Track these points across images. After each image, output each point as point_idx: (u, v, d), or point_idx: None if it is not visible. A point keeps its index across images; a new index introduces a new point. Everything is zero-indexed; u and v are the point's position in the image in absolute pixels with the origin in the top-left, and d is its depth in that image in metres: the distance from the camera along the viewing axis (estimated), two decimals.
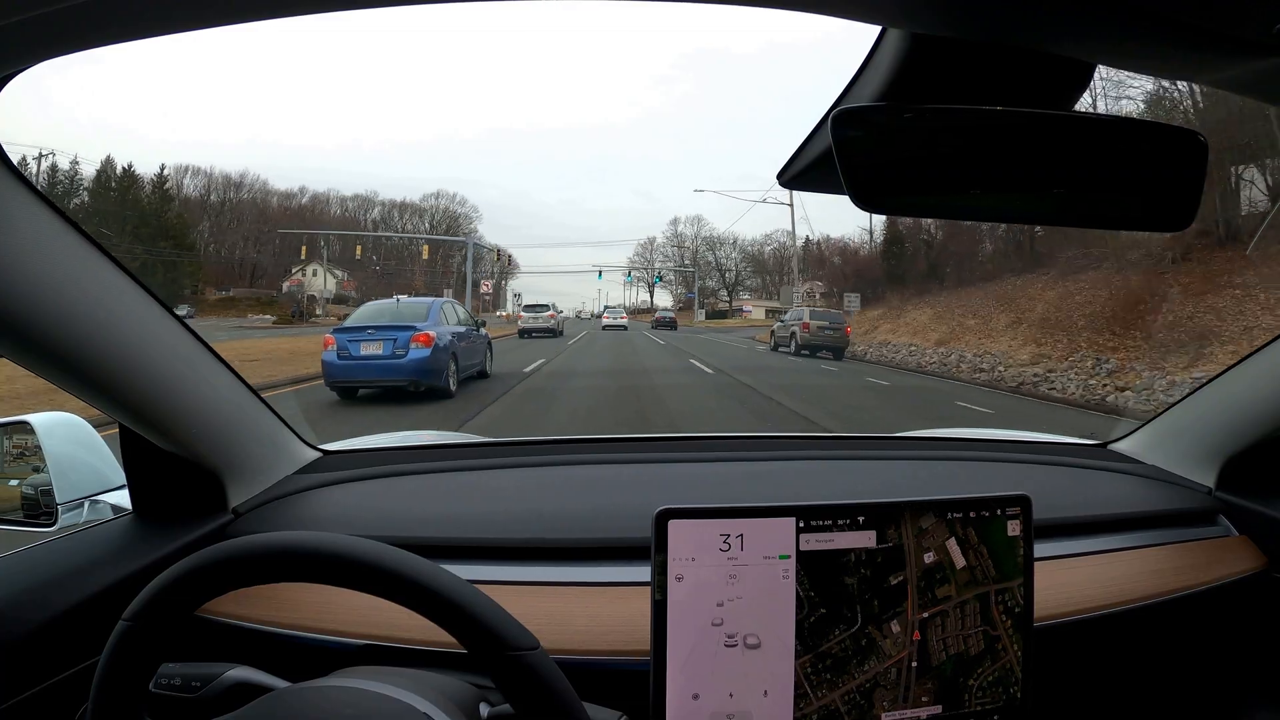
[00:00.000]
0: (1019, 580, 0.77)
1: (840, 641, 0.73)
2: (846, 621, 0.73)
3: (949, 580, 0.75)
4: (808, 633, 0.72)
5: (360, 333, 8.38)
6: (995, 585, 0.76)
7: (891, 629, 0.74)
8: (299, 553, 0.59)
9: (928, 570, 0.75)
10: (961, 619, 0.75)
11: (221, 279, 44.77)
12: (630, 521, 0.88)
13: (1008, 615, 0.77)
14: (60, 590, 0.80)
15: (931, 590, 0.75)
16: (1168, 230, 0.61)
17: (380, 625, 0.80)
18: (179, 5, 0.50)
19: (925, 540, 0.75)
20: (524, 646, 0.57)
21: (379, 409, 7.94)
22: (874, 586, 0.74)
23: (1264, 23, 0.43)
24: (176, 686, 0.69)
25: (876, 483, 1.20)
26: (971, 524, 0.76)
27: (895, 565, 0.74)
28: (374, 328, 8.40)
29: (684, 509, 0.71)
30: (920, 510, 0.75)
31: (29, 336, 0.68)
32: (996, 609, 0.76)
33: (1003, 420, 8.58)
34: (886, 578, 0.74)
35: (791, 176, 0.72)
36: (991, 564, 0.76)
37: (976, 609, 0.76)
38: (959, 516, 0.76)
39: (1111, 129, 0.59)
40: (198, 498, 0.97)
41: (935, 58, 0.55)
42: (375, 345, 8.24)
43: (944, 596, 0.75)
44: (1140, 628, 0.96)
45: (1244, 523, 1.10)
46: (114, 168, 39.59)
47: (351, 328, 8.62)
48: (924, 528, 0.75)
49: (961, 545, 0.75)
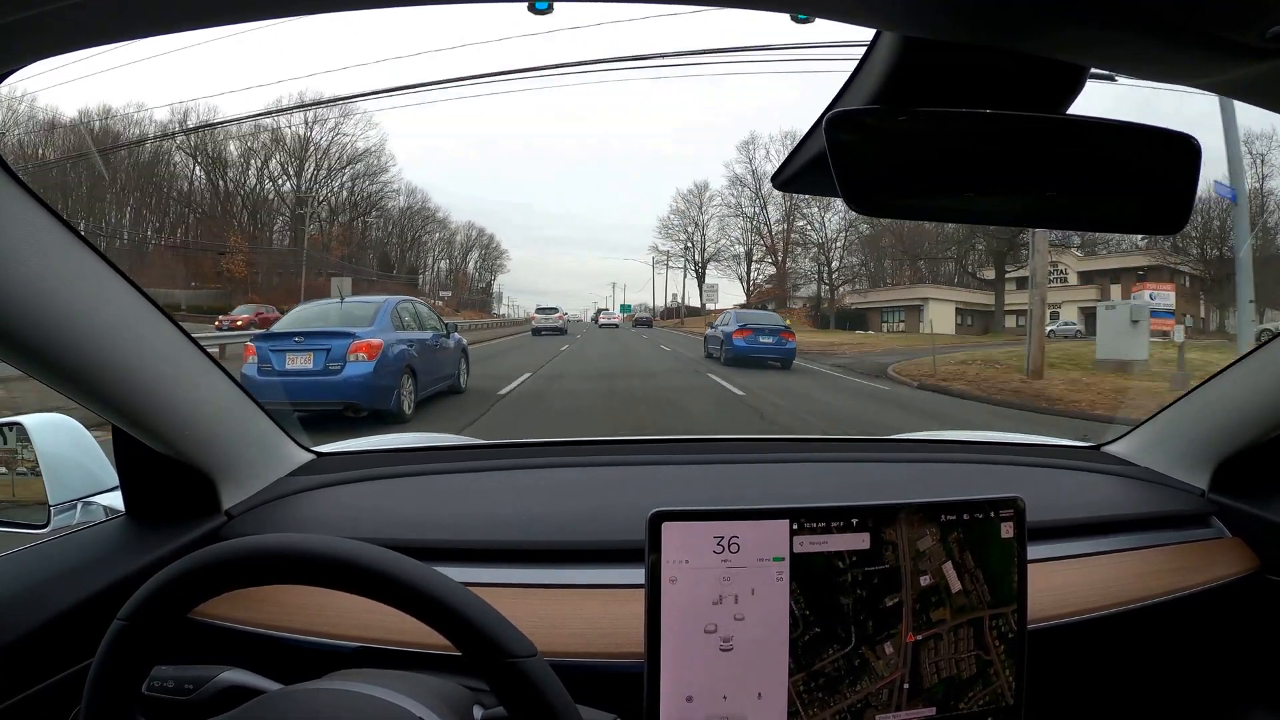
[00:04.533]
0: (1012, 606, 0.77)
1: (833, 660, 0.73)
2: (840, 641, 0.73)
3: (944, 604, 0.76)
4: (801, 651, 0.72)
5: (285, 340, 6.59)
6: (990, 610, 0.77)
7: (885, 650, 0.74)
8: (296, 555, 0.58)
9: (923, 593, 0.75)
10: (955, 642, 0.76)
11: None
12: (624, 524, 0.88)
13: (1001, 640, 0.77)
14: (53, 592, 0.79)
15: (926, 613, 0.75)
16: (1161, 233, 0.62)
17: (374, 628, 0.80)
18: (179, 5, 0.50)
19: (922, 563, 0.75)
20: (522, 654, 0.57)
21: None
22: (869, 607, 0.74)
23: (1260, 27, 0.44)
24: (169, 689, 0.69)
25: (870, 485, 1.20)
26: (966, 537, 0.76)
27: (891, 587, 0.74)
28: (303, 334, 6.64)
29: (678, 511, 0.71)
30: (913, 512, 0.75)
31: (21, 338, 0.68)
32: (990, 634, 0.77)
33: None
34: (882, 599, 0.74)
35: (786, 179, 0.72)
36: (987, 589, 0.77)
37: (970, 633, 0.76)
38: (952, 519, 0.76)
39: (1105, 132, 0.59)
40: (190, 500, 0.96)
41: (930, 61, 0.55)
42: (304, 358, 6.37)
43: (938, 620, 0.75)
44: (1134, 630, 0.96)
45: (1237, 525, 1.11)
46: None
47: (277, 334, 6.93)
48: (919, 537, 0.75)
49: (958, 569, 0.76)
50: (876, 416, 8.20)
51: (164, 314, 0.84)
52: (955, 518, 0.76)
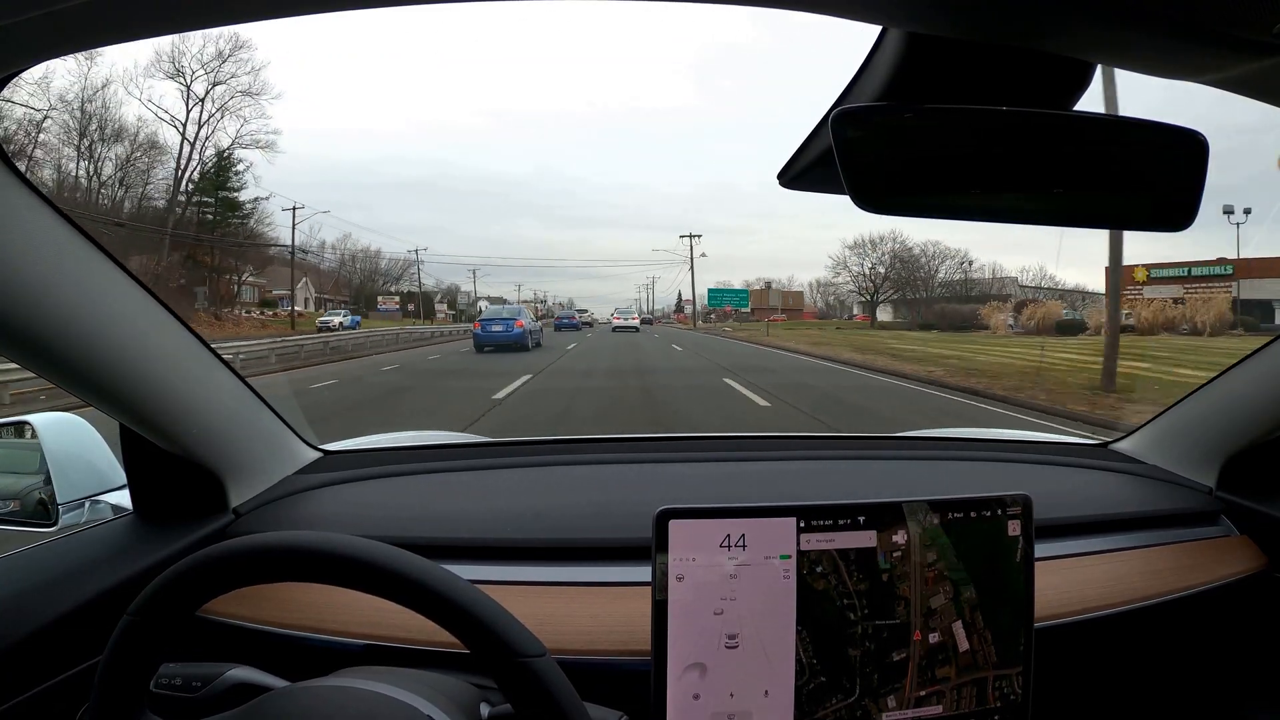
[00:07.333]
0: (1018, 668, 0.77)
1: (836, 710, 0.73)
2: (844, 692, 0.73)
3: (950, 662, 0.75)
4: (805, 699, 0.72)
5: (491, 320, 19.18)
6: (995, 671, 0.77)
7: (888, 703, 0.74)
8: (305, 552, 0.59)
9: (931, 650, 0.75)
10: (957, 701, 0.76)
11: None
12: (631, 521, 0.88)
13: (1002, 701, 0.77)
14: (61, 590, 0.80)
15: (932, 670, 0.75)
16: (1168, 230, 0.61)
17: (382, 626, 0.80)
18: (179, 5, 0.50)
19: (932, 620, 0.75)
20: (532, 654, 0.57)
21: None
22: (876, 660, 0.74)
23: (1268, 23, 0.43)
24: (177, 686, 0.69)
25: (877, 482, 1.19)
26: (970, 529, 0.76)
27: (899, 643, 0.74)
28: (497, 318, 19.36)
29: (685, 509, 0.71)
30: (920, 510, 0.75)
31: (29, 336, 0.68)
32: (992, 695, 0.77)
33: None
34: (889, 653, 0.74)
35: (792, 177, 0.72)
36: (994, 650, 0.76)
37: (973, 693, 0.76)
38: (959, 516, 0.76)
39: (1112, 128, 0.59)
40: (198, 498, 0.97)
41: (935, 57, 0.55)
42: (498, 325, 18.75)
43: (943, 677, 0.75)
44: (1141, 628, 0.96)
45: (1245, 523, 1.10)
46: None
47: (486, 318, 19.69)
48: (924, 529, 0.75)
49: (967, 629, 0.76)
50: None
51: (171, 312, 0.84)
52: (962, 515, 0.76)
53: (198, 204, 31.57)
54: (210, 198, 31.47)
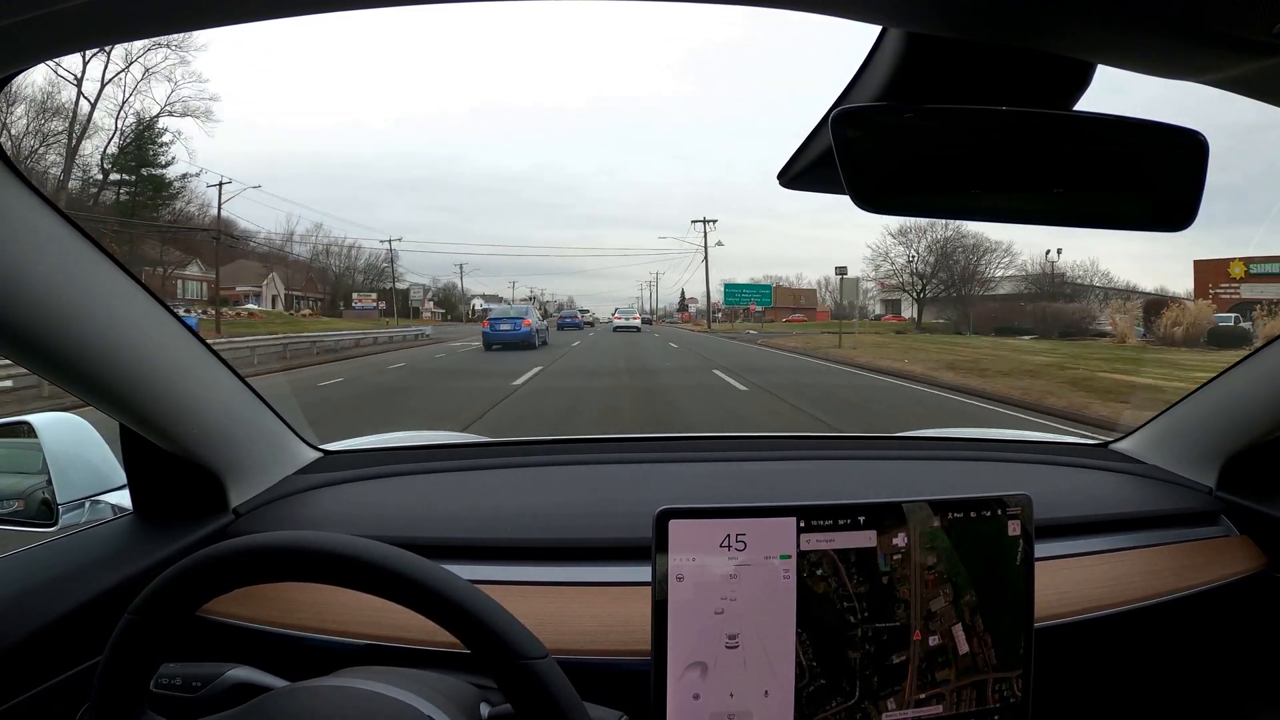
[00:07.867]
0: (1018, 671, 0.77)
1: (836, 713, 0.73)
2: (844, 695, 0.73)
3: (950, 665, 0.75)
4: (805, 701, 0.72)
5: (499, 319, 20.38)
6: (995, 674, 0.77)
7: (887, 705, 0.74)
8: (306, 552, 0.58)
9: (931, 652, 0.75)
10: (957, 703, 0.76)
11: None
12: (631, 521, 0.88)
13: (1002, 703, 0.77)
14: (61, 591, 0.80)
15: (932, 673, 0.75)
16: (1168, 230, 0.61)
17: (383, 626, 0.80)
18: (179, 5, 0.50)
19: (932, 623, 0.75)
20: (533, 655, 0.57)
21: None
22: (876, 663, 0.74)
23: (1268, 23, 0.43)
24: (177, 686, 0.69)
25: (877, 482, 1.19)
26: (970, 530, 0.76)
27: (899, 645, 0.74)
28: (505, 317, 20.43)
29: (685, 509, 0.71)
30: (920, 510, 0.75)
31: (29, 336, 0.68)
32: (992, 697, 0.77)
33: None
34: (889, 656, 0.74)
35: (792, 177, 0.72)
36: (994, 652, 0.76)
37: (973, 695, 0.76)
38: (959, 516, 0.76)
39: (1112, 128, 0.58)
40: (198, 498, 0.97)
41: (935, 57, 0.54)
42: (506, 324, 19.90)
43: (943, 680, 0.75)
44: (1141, 628, 0.96)
45: (1245, 523, 1.10)
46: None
47: (495, 317, 20.51)
48: (924, 531, 0.75)
49: (967, 632, 0.76)
50: None
51: (171, 312, 0.84)
52: (962, 515, 0.76)
53: (117, 183, 27.53)
54: (130, 175, 27.60)
